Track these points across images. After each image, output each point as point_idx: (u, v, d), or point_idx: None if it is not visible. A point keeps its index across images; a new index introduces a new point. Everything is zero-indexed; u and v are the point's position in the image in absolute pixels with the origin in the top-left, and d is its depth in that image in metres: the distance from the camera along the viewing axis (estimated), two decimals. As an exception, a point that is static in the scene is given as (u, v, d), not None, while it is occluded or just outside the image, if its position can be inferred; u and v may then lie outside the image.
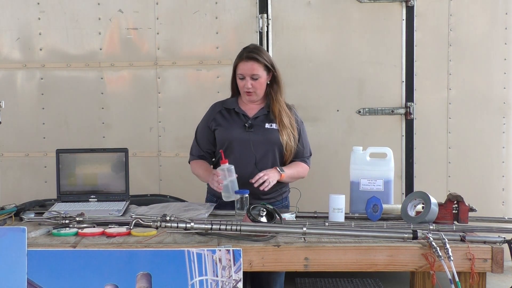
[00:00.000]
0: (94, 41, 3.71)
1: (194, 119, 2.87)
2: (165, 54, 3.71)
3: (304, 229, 2.06)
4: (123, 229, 2.13)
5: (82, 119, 3.74)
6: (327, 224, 2.27)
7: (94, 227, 2.20)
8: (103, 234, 2.12)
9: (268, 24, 3.66)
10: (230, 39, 3.67)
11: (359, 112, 3.69)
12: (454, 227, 2.20)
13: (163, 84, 3.72)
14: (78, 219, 2.24)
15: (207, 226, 2.06)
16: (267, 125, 2.65)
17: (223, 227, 2.04)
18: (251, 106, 2.72)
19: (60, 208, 2.51)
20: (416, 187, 3.66)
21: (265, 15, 3.65)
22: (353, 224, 2.27)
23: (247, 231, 2.04)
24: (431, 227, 2.18)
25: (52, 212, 2.35)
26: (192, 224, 2.07)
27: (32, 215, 2.40)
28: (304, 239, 2.05)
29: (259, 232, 2.06)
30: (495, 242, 2.01)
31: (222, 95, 2.98)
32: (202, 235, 2.08)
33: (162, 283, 1.87)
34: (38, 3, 3.71)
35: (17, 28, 3.72)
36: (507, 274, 2.36)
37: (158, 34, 3.70)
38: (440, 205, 2.29)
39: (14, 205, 2.49)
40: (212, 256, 1.88)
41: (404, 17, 3.67)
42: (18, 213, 2.46)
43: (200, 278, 1.87)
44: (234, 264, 1.88)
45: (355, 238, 2.06)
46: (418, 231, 2.04)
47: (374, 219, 2.39)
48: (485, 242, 2.02)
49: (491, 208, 3.59)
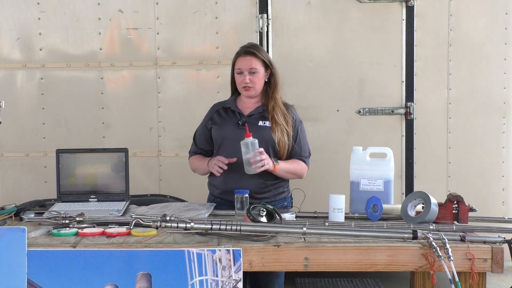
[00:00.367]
0: (94, 41, 3.71)
1: (194, 119, 2.87)
2: (165, 54, 3.71)
3: (304, 229, 2.06)
4: (123, 229, 2.13)
5: (82, 119, 3.74)
6: (327, 224, 2.27)
7: (94, 227, 2.20)
8: (103, 234, 2.12)
9: (268, 24, 3.66)
10: (230, 39, 3.66)
11: (359, 112, 3.69)
12: (454, 227, 2.20)
13: (163, 84, 3.72)
14: (78, 219, 2.24)
15: (207, 226, 2.06)
16: (260, 122, 2.66)
17: (223, 227, 2.04)
18: (248, 105, 2.72)
19: (60, 208, 2.51)
20: (416, 187, 3.66)
21: (265, 15, 3.65)
22: (353, 224, 2.27)
23: (247, 231, 2.04)
24: (431, 227, 2.18)
25: (52, 212, 2.35)
26: (192, 224, 2.07)
27: (32, 215, 2.40)
28: (304, 239, 2.05)
29: (259, 232, 2.06)
30: (495, 242, 2.01)
31: (222, 95, 2.98)
32: (202, 235, 2.08)
33: (162, 283, 1.87)
34: (38, 3, 3.71)
35: (17, 28, 3.72)
36: (507, 274, 2.36)
37: (158, 34, 3.70)
38: (440, 205, 2.29)
39: (14, 205, 2.49)
40: (212, 256, 1.88)
41: (404, 17, 3.67)
42: (18, 213, 2.46)
43: (200, 278, 1.87)
44: (234, 264, 1.88)
45: (355, 238, 2.06)
46: (418, 231, 2.03)
47: (374, 219, 2.39)
48: (485, 242, 2.02)
49: (491, 208, 3.58)
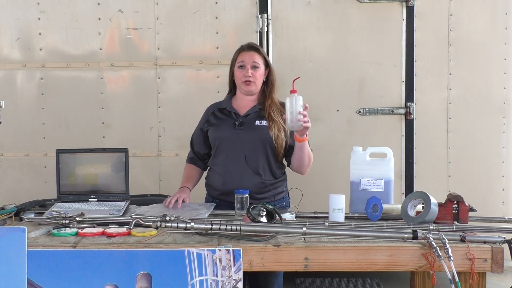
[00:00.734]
0: (94, 41, 3.71)
1: (194, 119, 2.87)
2: (165, 54, 3.71)
3: (304, 229, 2.06)
4: (123, 229, 2.13)
5: (82, 119, 3.74)
6: (327, 224, 2.27)
7: (94, 227, 2.20)
8: (103, 234, 2.12)
9: (268, 24, 3.66)
10: (230, 39, 3.66)
11: (359, 112, 3.69)
12: (454, 227, 2.20)
13: (163, 84, 3.72)
14: (78, 219, 2.24)
15: (207, 226, 2.06)
16: (257, 122, 2.66)
17: (223, 227, 2.04)
18: (244, 104, 2.72)
19: (60, 208, 2.51)
20: (416, 187, 3.66)
21: (265, 15, 3.65)
22: (353, 224, 2.27)
23: (247, 231, 2.04)
24: (431, 227, 2.18)
25: (52, 212, 2.35)
26: (192, 224, 2.07)
27: (32, 215, 2.40)
28: (304, 239, 2.05)
29: (259, 232, 2.05)
30: (495, 242, 2.01)
31: (222, 95, 2.97)
32: (202, 235, 2.08)
33: (162, 283, 1.87)
34: (38, 3, 3.71)
35: (17, 28, 3.72)
36: (507, 274, 2.35)
37: (158, 34, 3.70)
38: (440, 205, 2.29)
39: (14, 205, 2.49)
40: (212, 256, 1.88)
41: (404, 17, 3.67)
42: (18, 213, 2.46)
43: (200, 278, 1.87)
44: (234, 264, 1.88)
45: (355, 238, 2.06)
46: (418, 231, 2.03)
47: (374, 219, 2.39)
48: (485, 242, 2.02)
49: (491, 208, 3.58)
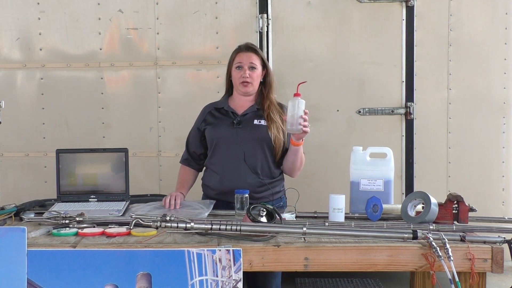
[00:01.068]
0: (94, 41, 3.71)
1: (194, 119, 2.87)
2: (165, 54, 3.71)
3: (304, 229, 2.06)
4: (123, 229, 2.13)
5: (82, 119, 3.73)
6: (327, 224, 2.27)
7: (94, 227, 2.20)
8: (103, 234, 2.12)
9: (268, 24, 3.66)
10: (230, 39, 3.66)
11: (359, 112, 3.69)
12: (454, 227, 2.20)
13: (163, 84, 3.72)
14: (78, 219, 2.24)
15: (207, 226, 2.06)
16: (255, 121, 2.66)
17: (223, 227, 2.04)
18: (242, 104, 2.72)
19: (60, 208, 2.51)
20: (416, 187, 3.66)
21: (265, 15, 3.65)
22: (353, 224, 2.27)
23: (247, 231, 2.04)
24: (431, 227, 2.18)
25: (52, 212, 2.35)
26: (192, 224, 2.07)
27: (32, 215, 2.40)
28: (304, 239, 2.05)
29: (259, 232, 2.06)
30: (495, 242, 2.01)
31: (222, 95, 2.97)
32: (202, 235, 2.08)
33: (162, 283, 1.87)
34: (38, 3, 3.71)
35: (17, 28, 3.72)
36: (507, 274, 2.36)
37: (158, 34, 3.70)
38: (440, 205, 2.29)
39: (14, 205, 2.49)
40: (212, 256, 1.88)
41: (404, 17, 3.67)
42: (18, 213, 2.46)
43: (200, 278, 1.87)
44: (234, 264, 1.88)
45: (355, 238, 2.06)
46: (418, 231, 2.04)
47: (374, 219, 2.39)
48: (485, 242, 2.02)
49: (491, 208, 3.58)
